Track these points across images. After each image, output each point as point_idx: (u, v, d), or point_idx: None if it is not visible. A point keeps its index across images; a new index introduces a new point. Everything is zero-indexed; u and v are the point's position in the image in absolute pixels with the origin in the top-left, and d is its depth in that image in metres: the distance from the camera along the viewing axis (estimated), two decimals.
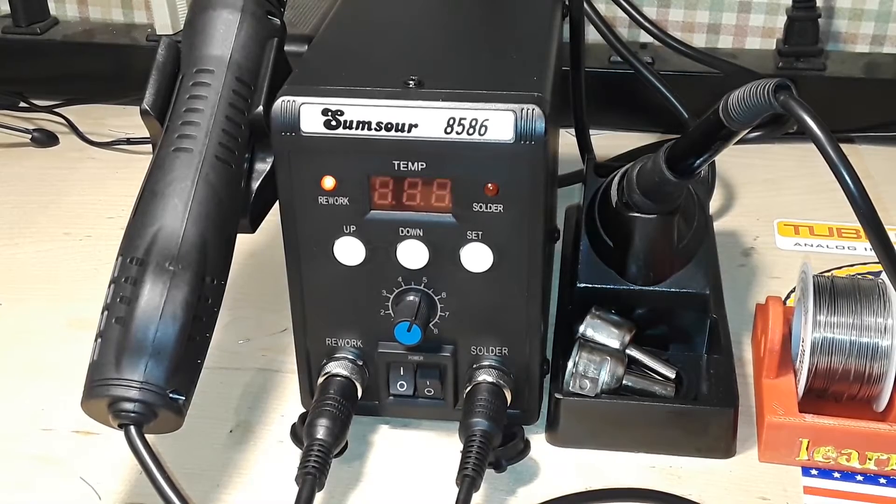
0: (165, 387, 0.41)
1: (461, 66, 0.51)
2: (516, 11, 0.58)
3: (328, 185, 0.48)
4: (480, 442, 0.49)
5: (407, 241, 0.49)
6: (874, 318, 0.53)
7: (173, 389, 0.42)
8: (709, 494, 0.52)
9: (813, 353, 0.53)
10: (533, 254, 0.49)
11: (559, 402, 0.54)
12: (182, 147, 0.45)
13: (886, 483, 0.53)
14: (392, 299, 0.51)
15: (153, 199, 0.44)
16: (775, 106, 0.44)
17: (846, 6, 0.90)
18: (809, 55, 0.87)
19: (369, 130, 0.47)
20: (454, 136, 0.46)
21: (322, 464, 0.48)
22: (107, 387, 0.40)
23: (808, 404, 0.54)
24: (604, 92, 0.81)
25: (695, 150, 0.50)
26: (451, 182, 0.48)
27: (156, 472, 0.40)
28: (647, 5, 0.92)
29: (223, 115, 0.47)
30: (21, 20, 0.94)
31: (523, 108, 0.46)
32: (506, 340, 0.52)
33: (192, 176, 0.44)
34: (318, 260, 0.51)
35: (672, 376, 0.56)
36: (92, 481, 0.53)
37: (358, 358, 0.53)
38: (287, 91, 0.47)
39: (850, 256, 0.72)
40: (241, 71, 0.48)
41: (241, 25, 0.49)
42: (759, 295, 0.67)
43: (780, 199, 0.79)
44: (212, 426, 0.57)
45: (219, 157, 0.45)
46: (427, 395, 0.54)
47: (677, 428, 0.54)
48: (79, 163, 0.85)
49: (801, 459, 0.53)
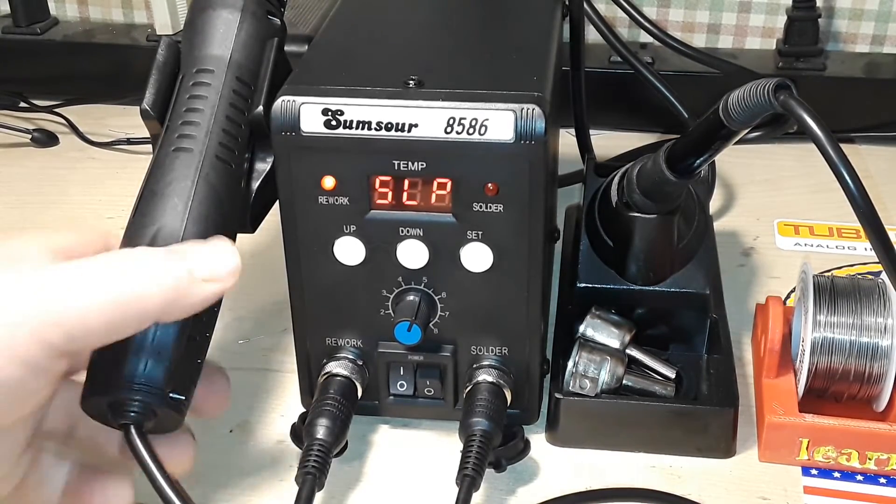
0: (165, 387, 0.41)
1: (461, 66, 0.51)
2: (516, 11, 0.58)
3: (328, 184, 0.48)
4: (480, 442, 0.49)
5: (407, 241, 0.49)
6: (874, 318, 0.53)
7: (173, 389, 0.42)
8: (709, 494, 0.52)
9: (813, 353, 0.53)
10: (533, 254, 0.49)
11: (559, 402, 0.54)
12: (182, 147, 0.45)
13: (886, 483, 0.53)
14: (392, 299, 0.51)
15: (153, 198, 0.44)
16: (775, 106, 0.44)
17: (846, 6, 0.90)
18: (809, 55, 0.87)
19: (369, 130, 0.47)
20: (454, 135, 0.46)
21: (322, 464, 0.48)
22: (106, 387, 0.40)
23: (808, 404, 0.54)
24: (604, 92, 0.81)
25: (695, 150, 0.50)
26: (452, 182, 0.48)
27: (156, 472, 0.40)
28: (647, 5, 0.92)
29: (223, 115, 0.46)
30: (21, 20, 0.94)
31: (523, 108, 0.46)
32: (506, 340, 0.52)
33: (192, 176, 0.44)
34: (318, 260, 0.51)
35: (672, 376, 0.56)
36: None
37: (358, 358, 0.53)
38: (287, 91, 0.47)
39: (850, 256, 0.72)
40: (242, 70, 0.48)
41: (241, 25, 0.49)
42: (759, 295, 0.67)
43: (780, 198, 0.79)
44: (212, 426, 0.57)
45: (219, 157, 0.45)
46: (427, 395, 0.54)
47: (677, 428, 0.54)
48: (79, 163, 0.85)
49: (801, 459, 0.53)
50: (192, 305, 0.39)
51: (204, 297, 0.39)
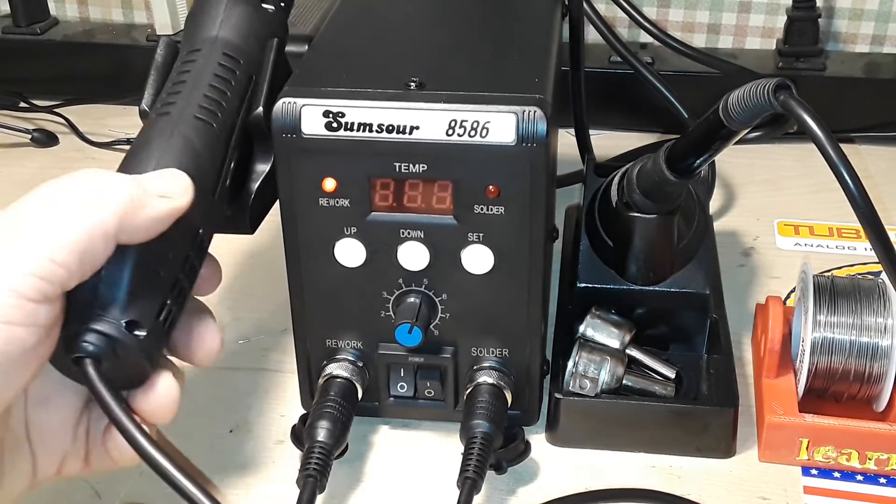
0: (119, 315, 0.39)
1: (462, 68, 0.51)
2: (516, 12, 0.58)
3: (329, 186, 0.48)
4: (482, 444, 0.49)
5: (408, 243, 0.49)
6: (874, 318, 0.53)
7: (132, 321, 0.39)
8: (709, 494, 0.52)
9: (813, 353, 0.53)
10: (534, 255, 0.49)
11: (559, 402, 0.54)
12: (163, 112, 0.45)
13: (886, 483, 0.53)
14: (393, 301, 0.51)
15: (129, 158, 0.44)
16: (775, 106, 0.44)
17: (846, 6, 0.90)
18: (809, 55, 0.87)
19: (370, 132, 0.47)
20: (455, 137, 0.46)
21: (323, 466, 0.48)
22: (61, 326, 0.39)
23: (808, 404, 0.54)
24: (604, 92, 0.81)
25: (695, 150, 0.51)
26: (453, 184, 0.48)
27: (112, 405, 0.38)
28: (646, 5, 0.92)
29: (206, 83, 0.46)
30: (21, 20, 0.94)
31: (525, 111, 0.46)
32: (506, 342, 0.52)
33: (168, 132, 0.44)
34: (318, 261, 0.51)
35: (672, 376, 0.56)
36: (92, 481, 0.53)
37: (358, 359, 0.53)
38: (288, 92, 0.47)
39: (851, 256, 0.72)
40: (229, 47, 0.48)
41: (230, 9, 0.49)
42: (759, 295, 0.67)
43: (780, 198, 0.79)
44: (212, 426, 0.57)
45: (198, 117, 0.45)
46: (427, 397, 0.54)
47: (677, 428, 0.54)
48: (79, 163, 0.85)
49: (801, 459, 0.54)
50: (150, 220, 0.40)
51: (159, 212, 0.40)
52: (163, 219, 0.40)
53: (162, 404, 0.42)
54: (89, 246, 0.38)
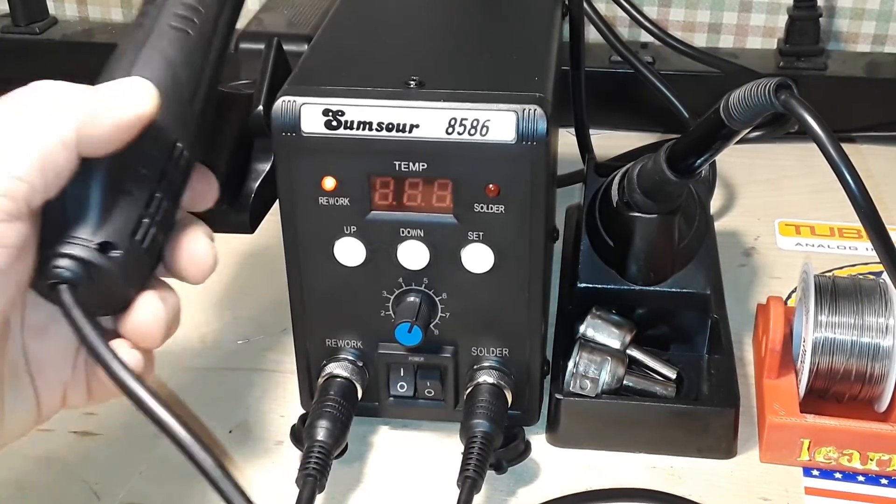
0: (91, 235, 0.37)
1: (462, 67, 0.51)
2: (516, 11, 0.58)
3: (329, 185, 0.48)
4: (482, 444, 0.49)
5: (408, 242, 0.49)
6: (875, 319, 0.52)
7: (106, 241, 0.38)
8: (710, 495, 0.52)
9: (814, 354, 0.53)
10: (534, 254, 0.49)
11: (560, 403, 0.54)
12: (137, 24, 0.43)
13: (888, 484, 0.53)
14: (393, 300, 0.51)
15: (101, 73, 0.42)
16: (776, 105, 0.44)
17: (847, 6, 0.90)
18: (810, 55, 0.87)
19: (370, 131, 0.47)
20: (455, 136, 0.46)
21: (322, 465, 0.48)
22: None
23: (809, 405, 0.54)
24: (604, 91, 0.81)
25: (696, 150, 0.50)
26: (452, 183, 0.48)
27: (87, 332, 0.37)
28: (647, 5, 0.92)
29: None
30: (20, 20, 0.94)
31: (525, 109, 0.46)
32: (506, 341, 0.52)
33: (139, 42, 0.43)
34: (318, 261, 0.50)
35: (673, 376, 0.56)
36: (92, 481, 0.53)
37: (358, 359, 0.53)
38: (287, 91, 0.47)
39: (852, 256, 0.71)
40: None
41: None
42: (761, 295, 0.67)
43: (781, 198, 0.79)
44: (212, 426, 0.57)
45: (173, 26, 0.43)
46: (427, 396, 0.54)
47: (678, 428, 0.54)
48: None
49: (802, 460, 0.53)
50: (112, 129, 0.37)
51: (119, 119, 0.38)
52: (125, 127, 0.38)
53: (145, 327, 0.40)
54: (50, 158, 0.36)
